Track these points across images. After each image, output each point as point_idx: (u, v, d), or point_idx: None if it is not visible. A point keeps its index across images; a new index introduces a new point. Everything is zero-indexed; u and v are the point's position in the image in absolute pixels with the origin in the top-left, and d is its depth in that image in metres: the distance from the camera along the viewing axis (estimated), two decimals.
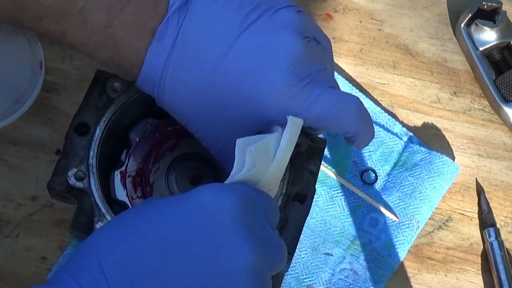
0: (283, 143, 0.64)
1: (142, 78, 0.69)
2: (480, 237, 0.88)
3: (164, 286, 0.56)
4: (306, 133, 0.74)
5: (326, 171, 0.88)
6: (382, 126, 0.91)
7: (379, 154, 0.90)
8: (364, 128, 0.74)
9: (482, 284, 0.87)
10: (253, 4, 0.68)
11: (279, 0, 0.70)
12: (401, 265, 0.86)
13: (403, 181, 0.89)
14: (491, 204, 0.89)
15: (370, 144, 0.89)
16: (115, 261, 0.56)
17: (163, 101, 0.70)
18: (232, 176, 0.63)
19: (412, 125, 0.92)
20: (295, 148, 0.73)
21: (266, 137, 0.65)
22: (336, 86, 0.72)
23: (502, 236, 0.87)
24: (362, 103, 0.73)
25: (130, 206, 0.76)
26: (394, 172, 0.89)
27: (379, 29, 0.95)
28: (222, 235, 0.58)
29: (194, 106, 0.69)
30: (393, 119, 0.91)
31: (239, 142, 0.63)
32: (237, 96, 0.68)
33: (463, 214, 0.89)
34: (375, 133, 0.89)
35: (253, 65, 0.67)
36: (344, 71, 0.93)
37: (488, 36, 0.93)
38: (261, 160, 0.63)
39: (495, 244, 0.86)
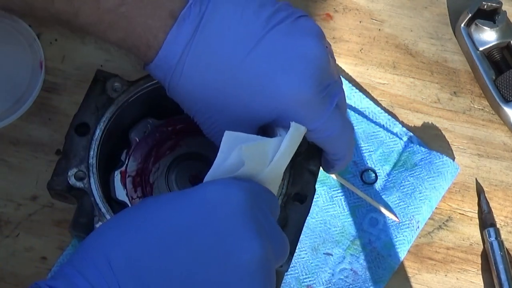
0: (282, 148, 0.64)
1: (157, 62, 0.68)
2: (480, 237, 0.88)
3: (172, 279, 0.56)
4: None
5: None
6: (382, 126, 0.91)
7: (379, 154, 0.90)
8: (349, 155, 0.75)
9: (482, 284, 0.87)
10: (274, 7, 0.68)
11: (296, 9, 0.70)
12: (401, 265, 0.86)
13: (403, 181, 0.89)
14: (491, 204, 0.89)
15: (370, 144, 0.89)
16: (122, 254, 0.56)
17: (175, 87, 0.69)
18: (216, 167, 0.63)
19: (412, 125, 0.92)
20: None
21: (261, 139, 0.65)
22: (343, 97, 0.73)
23: (502, 236, 0.87)
24: None
25: (130, 206, 0.76)
26: (394, 172, 0.89)
27: (379, 29, 0.95)
28: (230, 228, 0.58)
29: (208, 96, 0.68)
30: (393, 119, 0.91)
31: (228, 134, 0.64)
32: (256, 94, 0.68)
33: (463, 214, 0.89)
34: (376, 133, 0.90)
35: (278, 65, 0.67)
36: (344, 71, 0.93)
37: (488, 36, 0.93)
38: (253, 161, 0.63)
39: (495, 244, 0.86)
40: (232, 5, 0.68)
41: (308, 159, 0.74)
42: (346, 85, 0.92)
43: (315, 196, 0.75)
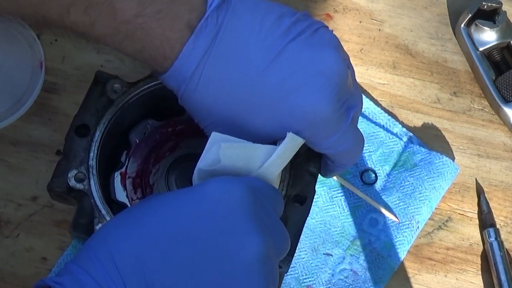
0: (274, 157, 0.65)
1: (171, 73, 0.67)
2: (480, 238, 0.88)
3: (176, 275, 0.57)
4: None
5: None
6: (382, 126, 0.91)
7: (379, 155, 0.90)
8: (352, 163, 0.75)
9: (482, 284, 0.87)
10: (293, 17, 0.67)
11: (314, 20, 0.69)
12: (401, 266, 0.86)
13: (403, 182, 0.89)
14: (491, 205, 0.89)
15: (370, 144, 0.89)
16: (127, 252, 0.57)
17: (189, 98, 0.68)
18: (198, 162, 0.65)
19: (412, 125, 0.92)
20: None
21: (246, 143, 0.65)
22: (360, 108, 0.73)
23: (502, 237, 0.87)
24: None
25: (133, 205, 0.76)
26: (394, 172, 0.89)
27: (379, 29, 0.95)
28: (233, 225, 0.59)
29: (221, 110, 0.67)
30: (393, 119, 0.91)
31: (214, 135, 0.65)
32: (272, 111, 0.67)
33: (463, 214, 0.89)
34: (376, 133, 0.90)
35: (296, 82, 0.66)
36: None
37: (488, 36, 0.93)
38: (232, 161, 0.64)
39: (495, 245, 0.86)
40: (251, 16, 0.67)
41: (308, 161, 0.74)
42: None
43: (315, 197, 0.75)
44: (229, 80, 0.66)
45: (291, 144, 0.66)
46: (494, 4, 0.92)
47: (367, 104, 0.91)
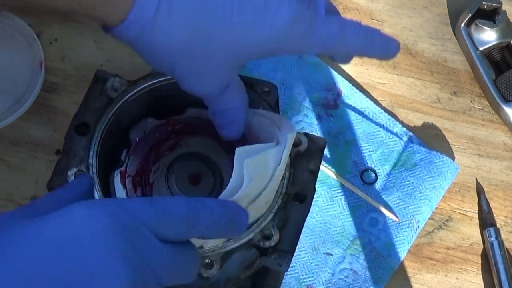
0: (283, 159, 0.65)
1: (128, 24, 0.65)
2: (480, 237, 0.88)
3: None
4: (306, 133, 0.74)
5: (326, 171, 0.88)
6: (382, 126, 0.91)
7: (379, 154, 0.90)
8: (371, 39, 0.72)
9: (482, 284, 0.87)
10: None
11: None
12: (401, 265, 0.86)
13: (403, 181, 0.89)
14: (491, 204, 0.89)
15: (370, 144, 0.89)
16: None
17: (149, 46, 0.66)
18: (231, 189, 0.62)
19: (412, 125, 0.92)
20: (294, 147, 0.73)
21: (263, 149, 0.65)
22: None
23: (502, 236, 0.87)
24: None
25: None
26: (394, 172, 0.89)
27: (379, 29, 0.95)
28: (92, 259, 0.53)
29: (187, 47, 0.66)
30: (393, 119, 0.91)
31: (239, 151, 0.62)
32: (244, 30, 0.66)
33: (463, 214, 0.89)
34: (376, 133, 0.90)
35: (259, 2, 0.66)
36: (344, 71, 0.93)
37: (488, 36, 0.93)
38: (258, 174, 0.63)
39: (495, 244, 0.86)
40: None
41: (308, 159, 0.74)
42: (346, 85, 0.92)
43: (315, 196, 0.74)
44: (195, 12, 0.65)
45: (291, 142, 0.66)
46: (494, 4, 0.92)
47: (367, 104, 0.92)
